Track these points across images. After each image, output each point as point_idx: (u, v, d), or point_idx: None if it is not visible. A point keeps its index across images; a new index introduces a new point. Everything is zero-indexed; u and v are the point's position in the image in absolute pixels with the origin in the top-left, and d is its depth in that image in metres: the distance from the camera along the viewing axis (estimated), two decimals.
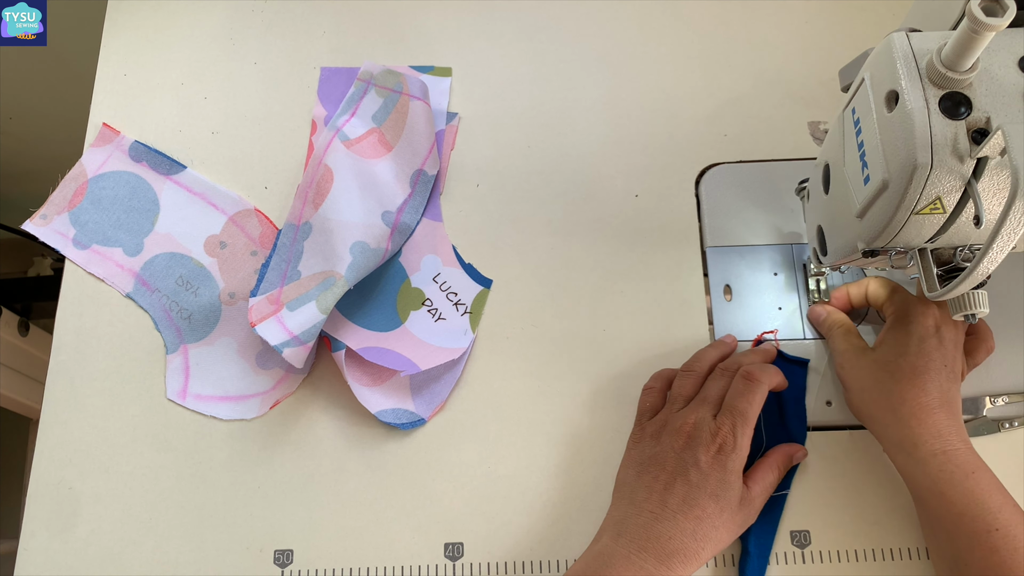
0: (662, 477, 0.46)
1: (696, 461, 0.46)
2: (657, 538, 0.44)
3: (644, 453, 0.49)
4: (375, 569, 0.51)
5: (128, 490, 0.53)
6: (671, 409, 0.50)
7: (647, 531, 0.45)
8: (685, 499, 0.45)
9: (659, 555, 0.44)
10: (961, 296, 0.41)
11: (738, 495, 0.46)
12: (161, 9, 0.66)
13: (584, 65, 0.64)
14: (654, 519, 0.45)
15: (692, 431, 0.47)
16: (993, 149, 0.35)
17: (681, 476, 0.46)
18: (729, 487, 0.46)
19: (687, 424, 0.48)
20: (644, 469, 0.48)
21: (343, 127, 0.60)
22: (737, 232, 0.58)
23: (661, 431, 0.49)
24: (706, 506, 0.45)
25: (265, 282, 0.56)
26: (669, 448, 0.47)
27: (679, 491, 0.45)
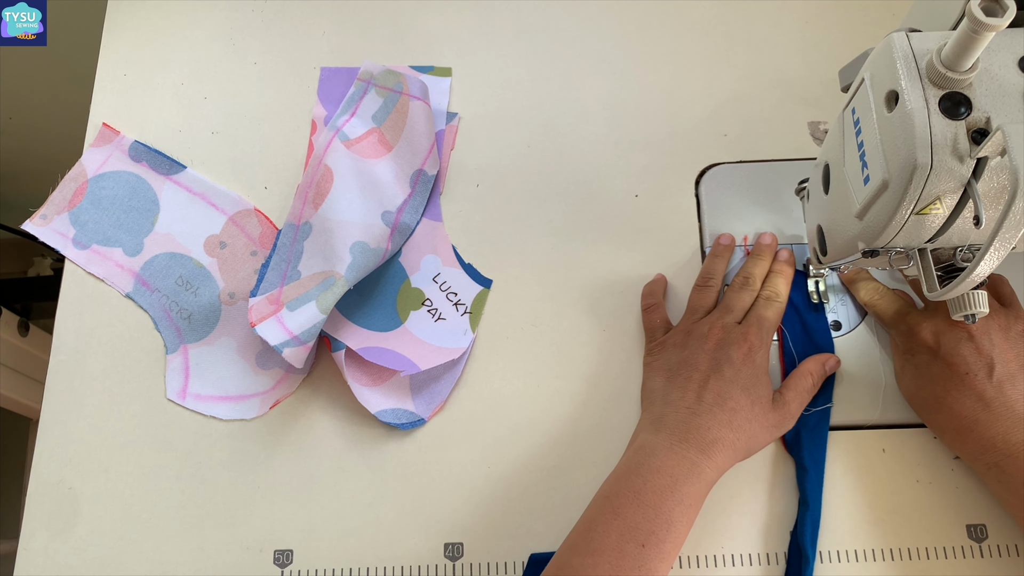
0: (695, 377, 0.48)
1: (729, 359, 0.48)
2: (696, 429, 0.46)
3: (671, 359, 0.51)
4: (375, 569, 0.51)
5: (128, 490, 0.53)
6: (691, 319, 0.53)
7: (686, 424, 0.47)
8: (720, 393, 0.47)
9: (700, 444, 0.46)
10: (961, 296, 0.41)
11: (769, 392, 0.49)
12: (161, 9, 0.66)
13: (584, 65, 0.64)
14: (691, 414, 0.47)
15: (721, 334, 0.50)
16: (993, 149, 0.35)
17: (715, 373, 0.48)
18: (759, 382, 0.49)
19: (716, 328, 0.50)
20: (675, 373, 0.50)
21: (343, 127, 0.60)
22: (737, 232, 0.58)
23: (686, 339, 0.51)
24: (739, 399, 0.47)
25: (265, 282, 0.56)
26: (700, 350, 0.49)
27: (713, 386, 0.47)
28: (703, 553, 0.51)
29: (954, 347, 0.47)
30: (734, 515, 0.51)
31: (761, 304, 0.53)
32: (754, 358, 0.49)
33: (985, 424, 0.46)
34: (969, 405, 0.46)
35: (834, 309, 0.56)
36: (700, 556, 0.51)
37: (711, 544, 0.51)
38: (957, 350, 0.47)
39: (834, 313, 0.56)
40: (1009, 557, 0.50)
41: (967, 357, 0.47)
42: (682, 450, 0.45)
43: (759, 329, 0.51)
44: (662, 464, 0.45)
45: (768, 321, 0.52)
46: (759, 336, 0.50)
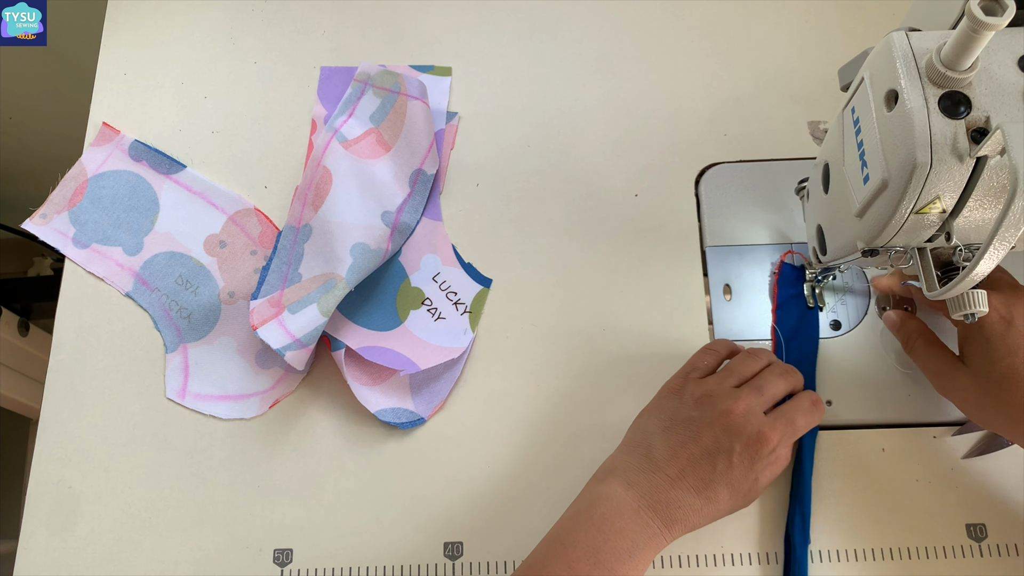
0: (690, 447, 0.45)
1: (730, 450, 0.45)
2: (667, 504, 0.44)
3: (679, 412, 0.47)
4: (375, 569, 0.51)
5: (128, 489, 0.53)
6: (724, 382, 0.48)
7: (660, 493, 0.45)
8: (704, 480, 0.45)
9: (666, 519, 0.44)
10: (960, 296, 0.41)
11: (750, 488, 0.46)
12: (161, 9, 0.66)
13: (584, 65, 0.64)
14: (669, 484, 0.45)
15: (740, 419, 0.46)
16: (993, 148, 0.35)
17: (709, 457, 0.45)
18: (747, 481, 0.45)
19: (737, 407, 0.46)
20: (673, 428, 0.47)
21: (341, 128, 0.60)
22: (737, 232, 0.58)
23: (705, 399, 0.47)
24: (720, 493, 0.45)
25: (266, 285, 0.56)
26: (709, 422, 0.46)
27: (702, 471, 0.45)
28: (702, 553, 0.51)
29: None
30: (734, 515, 0.51)
31: (802, 407, 0.48)
32: (754, 464, 0.45)
33: None
34: None
35: (834, 309, 0.56)
36: (699, 556, 0.51)
37: (710, 544, 0.51)
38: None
39: (834, 313, 0.56)
40: (1009, 556, 0.50)
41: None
42: (648, 518, 0.44)
43: (782, 434, 0.46)
44: (626, 527, 0.43)
45: (795, 430, 0.47)
46: (778, 443, 0.46)
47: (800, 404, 0.48)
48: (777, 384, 0.48)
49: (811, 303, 0.56)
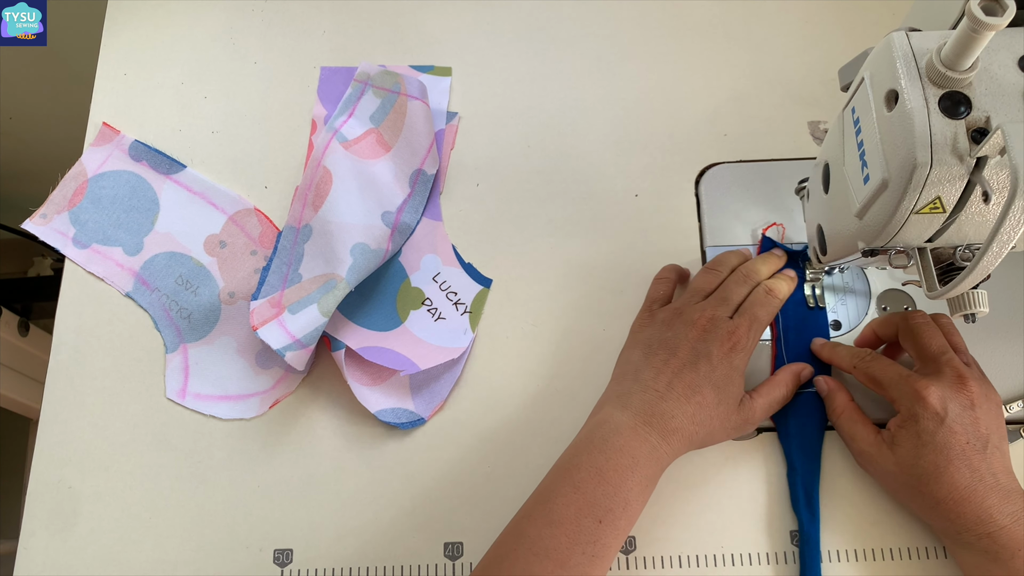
0: (672, 362, 0.48)
1: (708, 353, 0.48)
2: (661, 415, 0.47)
3: (654, 337, 0.51)
4: (375, 569, 0.51)
5: (128, 489, 0.53)
6: (688, 301, 0.52)
7: (652, 407, 0.47)
8: (690, 385, 0.47)
9: (662, 431, 0.46)
10: (961, 296, 0.41)
11: (739, 393, 0.49)
12: (161, 9, 0.66)
13: (584, 65, 0.64)
14: (659, 398, 0.47)
15: (708, 325, 0.49)
16: (993, 148, 0.35)
17: (691, 365, 0.48)
18: (731, 383, 0.48)
19: (703, 317, 0.50)
20: (652, 352, 0.50)
21: (341, 128, 0.60)
22: (737, 232, 0.58)
23: (675, 319, 0.51)
24: (707, 395, 0.47)
25: (266, 285, 0.56)
26: (683, 336, 0.49)
27: (687, 377, 0.48)
28: (703, 553, 0.51)
29: (959, 415, 0.46)
30: (734, 515, 0.51)
31: (758, 300, 0.52)
32: (733, 357, 0.49)
33: (982, 495, 0.45)
34: (967, 476, 0.45)
35: (834, 309, 0.56)
36: (700, 556, 0.51)
37: (711, 544, 0.51)
38: (961, 419, 0.46)
39: (834, 313, 0.56)
40: None
41: (968, 427, 0.46)
42: (645, 433, 0.46)
43: (748, 328, 0.50)
44: (625, 443, 0.46)
45: (759, 322, 0.51)
46: (747, 335, 0.50)
47: (756, 298, 0.52)
48: (737, 290, 0.52)
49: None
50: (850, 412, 0.51)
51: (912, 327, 0.50)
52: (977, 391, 0.47)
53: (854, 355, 0.51)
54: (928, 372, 0.48)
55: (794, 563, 0.50)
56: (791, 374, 0.52)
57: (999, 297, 0.55)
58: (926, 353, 0.49)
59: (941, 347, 0.49)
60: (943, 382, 0.47)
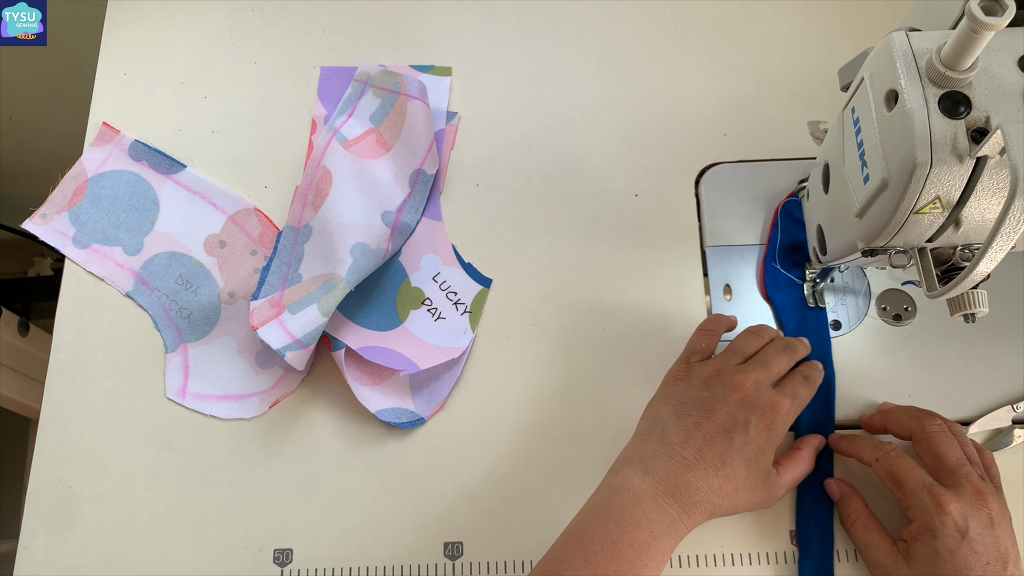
0: (705, 426, 0.45)
1: (746, 423, 0.45)
2: (686, 487, 0.44)
3: (688, 394, 0.47)
4: (375, 568, 0.51)
5: (128, 489, 0.53)
6: (729, 360, 0.49)
7: (677, 477, 0.44)
8: (721, 456, 0.45)
9: (684, 503, 0.44)
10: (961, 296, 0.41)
11: (767, 469, 0.47)
12: (161, 9, 0.66)
13: (584, 65, 0.64)
14: (686, 467, 0.44)
15: (751, 392, 0.46)
16: (993, 148, 0.35)
17: (725, 433, 0.45)
18: (763, 457, 0.46)
19: (747, 382, 0.47)
20: (685, 411, 0.47)
21: (341, 128, 0.60)
22: (737, 232, 0.58)
23: (714, 379, 0.47)
24: (738, 468, 0.45)
25: (266, 285, 0.56)
26: (721, 399, 0.46)
27: (719, 447, 0.45)
28: (703, 553, 0.51)
29: (980, 533, 0.44)
30: (734, 515, 0.51)
31: (799, 380, 0.49)
32: (771, 432, 0.46)
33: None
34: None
35: (834, 309, 0.56)
36: (700, 556, 0.51)
37: (711, 544, 0.51)
38: (982, 537, 0.44)
39: (834, 313, 0.56)
40: None
41: (988, 546, 0.44)
42: (666, 505, 0.43)
43: (790, 405, 0.47)
44: (644, 516, 0.43)
45: (800, 401, 0.48)
46: (787, 413, 0.47)
47: (796, 378, 0.49)
48: (780, 359, 0.49)
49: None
50: (864, 519, 0.49)
51: (928, 436, 0.48)
52: (996, 508, 0.45)
53: (876, 447, 0.49)
54: (947, 484, 0.46)
55: (794, 563, 0.50)
56: (812, 449, 0.50)
57: (999, 297, 0.55)
58: (943, 465, 0.47)
59: (959, 459, 0.46)
60: (963, 497, 0.45)
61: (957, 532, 0.44)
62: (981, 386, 0.54)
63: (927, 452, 0.48)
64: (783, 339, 0.51)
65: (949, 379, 0.54)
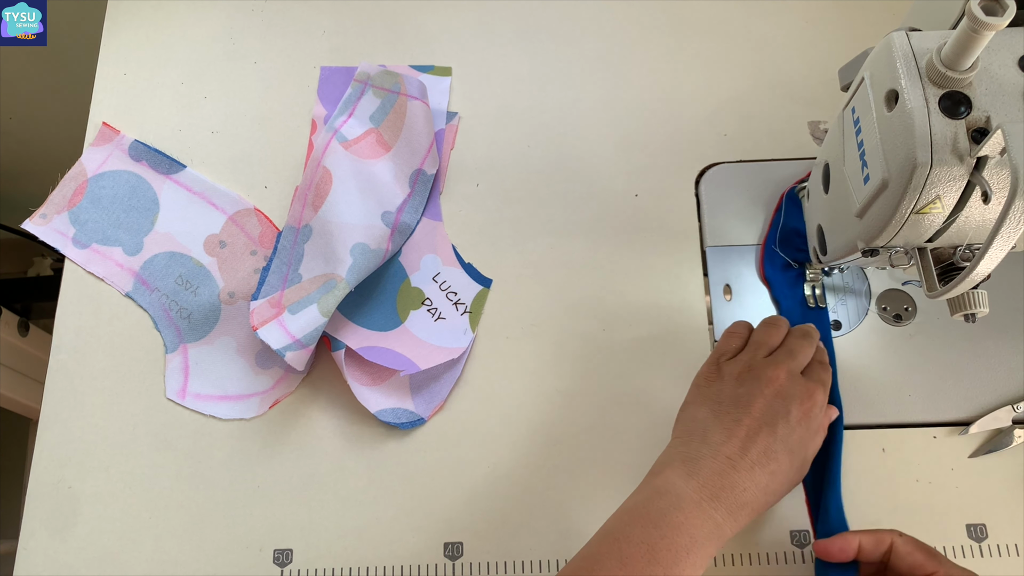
0: (746, 422, 0.44)
1: (787, 413, 0.44)
2: (732, 487, 0.42)
3: (723, 393, 0.46)
4: (375, 569, 0.51)
5: (128, 490, 0.53)
6: (755, 354, 0.48)
7: (723, 479, 0.43)
8: (766, 451, 0.43)
9: (730, 506, 0.42)
10: (961, 296, 0.41)
11: (806, 456, 0.46)
12: (161, 9, 0.66)
13: (584, 65, 0.64)
14: (731, 466, 0.43)
15: (786, 382, 0.46)
16: (993, 148, 0.35)
17: (768, 426, 0.44)
18: (806, 447, 0.45)
19: (780, 373, 0.46)
20: (723, 410, 0.45)
21: (340, 128, 0.60)
22: (737, 232, 0.58)
23: (746, 374, 0.46)
24: (783, 461, 0.44)
25: (266, 285, 0.56)
26: (758, 393, 0.45)
27: (763, 441, 0.44)
28: None
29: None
30: None
31: (818, 366, 0.49)
32: (810, 421, 0.45)
33: None
34: None
35: (834, 309, 0.56)
36: None
37: None
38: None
39: (834, 313, 0.56)
40: (1009, 557, 0.50)
41: None
42: (711, 509, 0.42)
43: (823, 390, 0.47)
44: (685, 520, 0.41)
45: (826, 386, 0.48)
46: (823, 398, 0.46)
47: (815, 365, 0.49)
48: (804, 346, 0.49)
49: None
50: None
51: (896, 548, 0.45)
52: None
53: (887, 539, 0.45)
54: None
55: (795, 563, 0.50)
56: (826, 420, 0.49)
57: (999, 297, 0.55)
58: None
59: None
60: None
61: None
62: (981, 386, 0.54)
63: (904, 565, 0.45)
64: (800, 327, 0.51)
65: (949, 379, 0.54)
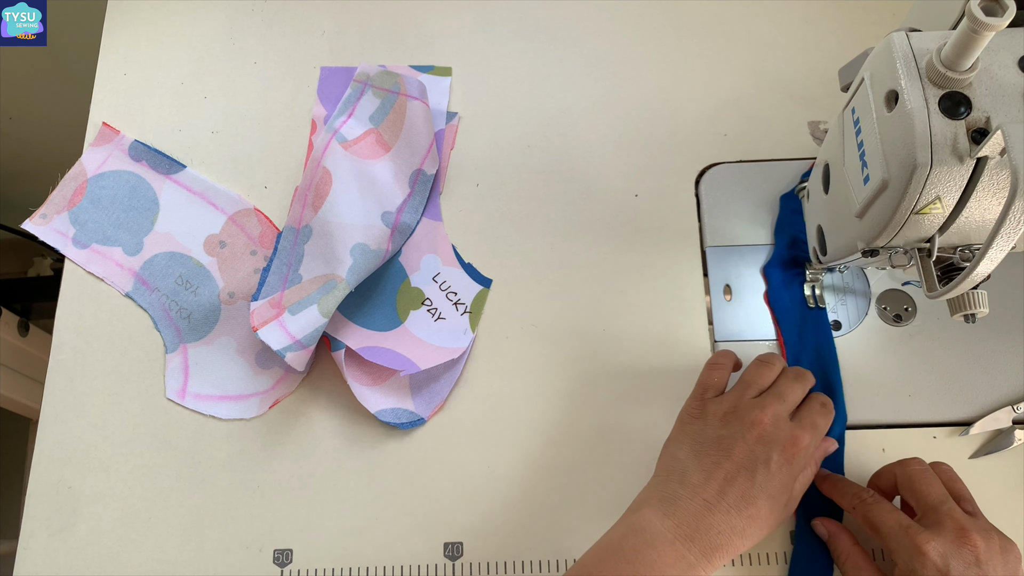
0: (725, 465, 0.44)
1: (768, 460, 0.44)
2: (707, 530, 0.43)
3: (705, 433, 0.46)
4: (375, 569, 0.51)
5: (128, 489, 0.53)
6: (744, 394, 0.47)
7: (698, 521, 0.43)
8: (744, 496, 0.44)
9: (704, 547, 0.43)
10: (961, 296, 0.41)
11: (788, 499, 0.46)
12: (161, 9, 0.66)
13: (584, 65, 0.64)
14: (707, 509, 0.43)
15: (770, 427, 0.45)
16: (993, 149, 0.35)
17: (747, 471, 0.44)
18: (785, 493, 0.45)
19: (765, 417, 0.45)
20: (703, 451, 0.46)
21: (340, 128, 0.60)
22: (737, 232, 0.58)
23: (730, 415, 0.46)
24: (761, 507, 0.44)
25: (266, 286, 0.56)
26: (740, 437, 0.45)
27: (740, 486, 0.44)
28: None
29: (963, 572, 0.42)
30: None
31: (816, 408, 0.48)
32: (792, 467, 0.45)
33: None
34: None
35: (834, 309, 0.56)
36: None
37: None
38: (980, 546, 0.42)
39: (834, 313, 0.56)
40: None
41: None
42: (684, 549, 0.42)
43: (812, 436, 0.46)
44: (659, 559, 0.42)
45: (820, 432, 0.47)
46: (808, 445, 0.46)
47: (813, 407, 0.48)
48: (795, 389, 0.48)
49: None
50: (855, 558, 0.48)
51: (908, 474, 0.47)
52: (982, 545, 0.43)
53: (854, 495, 0.48)
54: (928, 523, 0.45)
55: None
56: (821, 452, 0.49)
57: (999, 297, 0.55)
58: (924, 503, 0.46)
59: (940, 496, 0.45)
60: (944, 535, 0.43)
61: (937, 573, 0.42)
62: (981, 386, 0.54)
63: (909, 492, 0.47)
64: (794, 368, 0.50)
65: (949, 379, 0.54)
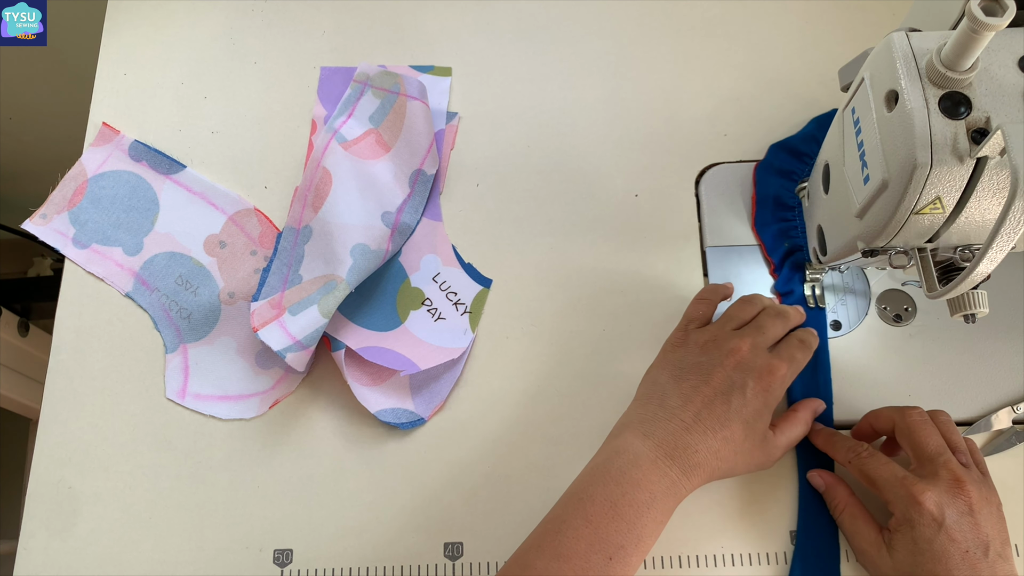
0: (703, 390, 0.46)
1: (743, 385, 0.46)
2: (685, 449, 0.45)
3: (686, 360, 0.48)
4: (375, 569, 0.51)
5: (128, 489, 0.53)
6: (725, 326, 0.50)
7: (676, 439, 0.45)
8: (720, 418, 0.46)
9: (683, 465, 0.45)
10: (961, 296, 0.41)
11: (765, 431, 0.47)
12: (161, 9, 0.66)
13: (584, 65, 0.64)
14: (685, 429, 0.45)
15: (748, 355, 0.47)
16: (993, 149, 0.35)
17: (723, 396, 0.46)
18: (761, 419, 0.47)
19: (743, 346, 0.48)
20: (683, 376, 0.48)
21: (340, 128, 0.60)
22: (737, 232, 0.58)
23: (711, 343, 0.48)
24: (736, 430, 0.46)
25: (266, 286, 0.56)
26: (718, 363, 0.47)
27: (717, 410, 0.46)
28: (703, 553, 0.51)
29: (957, 521, 0.44)
30: (734, 515, 0.51)
31: (795, 343, 0.50)
32: (767, 395, 0.47)
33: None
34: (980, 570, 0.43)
35: (834, 309, 0.56)
36: (700, 556, 0.51)
37: (711, 544, 0.51)
38: (960, 525, 0.44)
39: (834, 313, 0.56)
40: None
41: (967, 533, 0.44)
42: (665, 466, 0.44)
43: (787, 368, 0.48)
44: (643, 477, 0.44)
45: (797, 364, 0.49)
46: (785, 375, 0.48)
47: (792, 341, 0.50)
48: (775, 324, 0.50)
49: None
50: (852, 508, 0.49)
51: (908, 425, 0.48)
52: (975, 495, 0.45)
53: (849, 449, 0.49)
54: (924, 474, 0.46)
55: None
56: (810, 411, 0.51)
57: (999, 297, 0.55)
58: (922, 453, 0.47)
59: (938, 447, 0.47)
60: (939, 485, 0.45)
61: (933, 521, 0.44)
62: (981, 386, 0.54)
63: (907, 442, 0.48)
64: (776, 306, 0.52)
65: (949, 379, 0.54)
